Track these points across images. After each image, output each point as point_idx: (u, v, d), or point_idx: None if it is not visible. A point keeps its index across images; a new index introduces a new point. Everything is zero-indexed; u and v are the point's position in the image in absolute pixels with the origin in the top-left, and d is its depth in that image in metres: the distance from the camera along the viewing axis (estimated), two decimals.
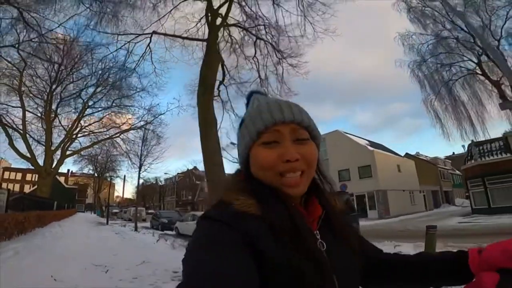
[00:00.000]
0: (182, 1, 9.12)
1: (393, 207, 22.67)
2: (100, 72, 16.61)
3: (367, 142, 27.16)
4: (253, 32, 9.51)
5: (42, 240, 8.00)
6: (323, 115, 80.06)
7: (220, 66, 9.20)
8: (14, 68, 15.41)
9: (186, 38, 9.58)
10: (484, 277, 0.47)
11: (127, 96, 18.34)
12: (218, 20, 8.52)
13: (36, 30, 10.33)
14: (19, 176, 50.04)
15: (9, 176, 49.55)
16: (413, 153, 39.21)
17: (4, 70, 15.28)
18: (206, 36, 8.44)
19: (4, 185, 41.46)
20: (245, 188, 0.55)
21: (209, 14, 8.41)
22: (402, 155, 34.90)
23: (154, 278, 4.24)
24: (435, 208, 29.94)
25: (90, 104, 19.59)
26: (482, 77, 14.62)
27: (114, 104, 19.40)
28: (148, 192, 58.35)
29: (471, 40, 14.12)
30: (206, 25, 8.65)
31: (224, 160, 5.93)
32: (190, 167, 48.15)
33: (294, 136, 0.55)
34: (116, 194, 76.98)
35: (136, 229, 15.35)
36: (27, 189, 41.80)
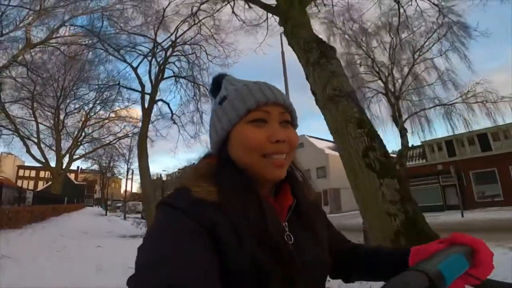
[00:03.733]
0: (138, 56, 13.01)
1: (345, 204, 26.29)
2: (96, 88, 19.20)
3: (329, 145, 31.23)
4: (190, 79, 13.43)
5: (56, 223, 12.81)
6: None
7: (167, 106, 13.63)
8: (26, 88, 18.42)
9: (135, 90, 13.53)
10: None
11: (122, 108, 21.43)
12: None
13: (41, 77, 14.94)
14: (33, 173, 53.80)
15: (24, 173, 53.14)
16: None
17: (19, 92, 18.78)
18: None
19: (19, 182, 44.69)
20: (209, 174, 0.52)
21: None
22: None
23: (107, 236, 8.85)
24: None
25: (91, 115, 23.59)
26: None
27: (110, 115, 23.62)
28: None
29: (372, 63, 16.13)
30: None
31: None
32: (188, 163, 51.85)
33: (281, 118, 0.54)
34: (123, 189, 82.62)
35: (125, 218, 20.12)
36: (41, 185, 46.09)
